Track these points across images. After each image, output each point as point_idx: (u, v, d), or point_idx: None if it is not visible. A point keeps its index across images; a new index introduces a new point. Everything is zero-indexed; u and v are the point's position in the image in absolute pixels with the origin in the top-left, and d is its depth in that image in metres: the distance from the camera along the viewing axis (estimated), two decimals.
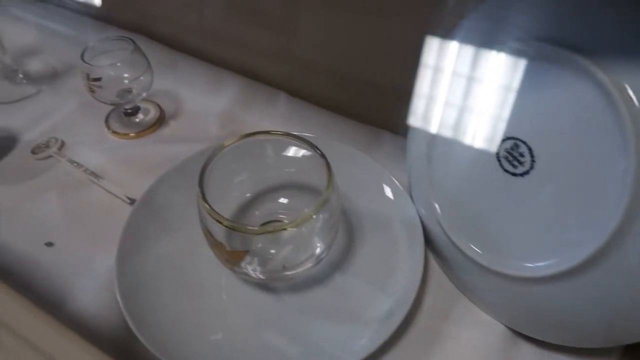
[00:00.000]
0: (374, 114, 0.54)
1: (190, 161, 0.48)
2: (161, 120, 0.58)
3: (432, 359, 0.38)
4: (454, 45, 0.39)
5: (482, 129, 0.37)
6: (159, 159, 0.53)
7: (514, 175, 0.35)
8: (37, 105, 0.60)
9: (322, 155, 0.37)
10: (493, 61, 0.36)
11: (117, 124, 0.57)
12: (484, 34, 0.37)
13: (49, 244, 0.46)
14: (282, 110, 0.58)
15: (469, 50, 0.38)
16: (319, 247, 0.39)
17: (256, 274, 0.38)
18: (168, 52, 0.65)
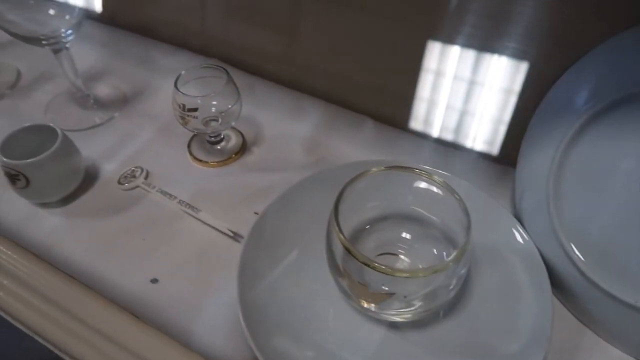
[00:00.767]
0: (468, 141, 0.54)
1: (293, 192, 0.48)
2: (244, 147, 0.57)
3: None
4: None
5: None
6: (250, 188, 0.52)
7: None
8: (113, 133, 0.59)
9: (460, 200, 0.37)
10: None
11: (200, 152, 0.56)
12: None
13: (154, 281, 0.45)
14: (367, 136, 0.57)
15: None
16: (451, 287, 0.38)
17: (389, 314, 0.38)
18: (244, 75, 0.64)
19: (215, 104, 0.52)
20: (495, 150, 0.53)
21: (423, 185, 0.40)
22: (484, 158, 0.53)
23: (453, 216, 0.38)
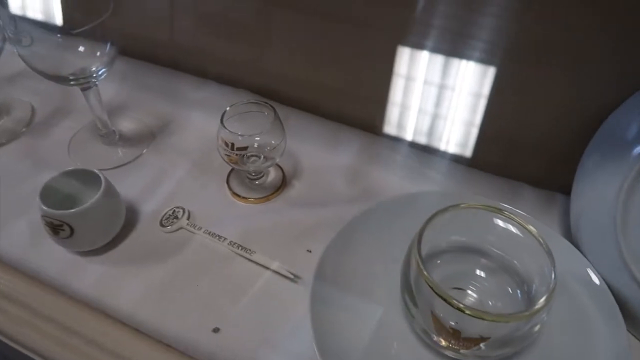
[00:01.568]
0: (511, 166, 0.55)
1: (350, 229, 0.47)
2: (285, 182, 0.56)
3: None
4: None
5: None
6: (298, 224, 0.51)
7: None
8: (144, 171, 0.57)
9: (545, 247, 0.37)
10: None
11: (240, 188, 0.55)
12: None
13: (216, 330, 0.44)
14: (406, 164, 0.57)
15: None
16: (536, 328, 0.38)
17: (479, 356, 0.37)
18: (276, 106, 0.62)
19: (258, 139, 0.51)
20: (541, 176, 0.54)
21: (501, 223, 0.40)
22: (529, 183, 0.54)
23: (530, 256, 0.39)
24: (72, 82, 0.52)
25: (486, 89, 0.51)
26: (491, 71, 0.50)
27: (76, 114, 0.63)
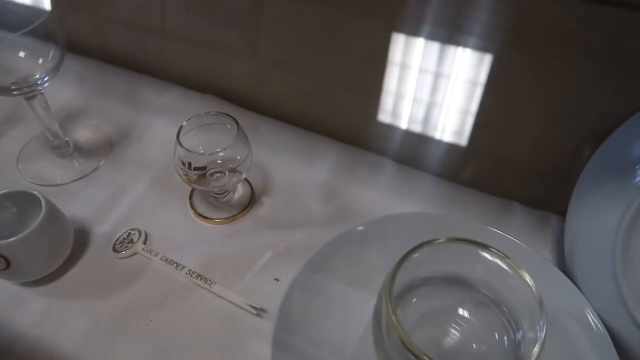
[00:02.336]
0: (502, 182, 0.50)
1: (321, 257, 0.42)
2: (253, 199, 0.51)
3: None
4: None
5: None
6: (266, 247, 0.47)
7: None
8: (100, 186, 0.52)
9: (532, 286, 0.33)
10: None
11: (203, 207, 0.50)
12: None
13: None
14: (388, 180, 0.52)
15: None
16: None
17: None
18: (246, 114, 0.57)
19: (222, 155, 0.46)
20: (533, 194, 0.49)
21: (487, 256, 0.35)
22: (520, 202, 0.49)
23: (519, 296, 0.34)
24: (15, 92, 0.47)
25: (474, 105, 0.46)
26: (482, 85, 0.45)
27: (29, 122, 0.58)
